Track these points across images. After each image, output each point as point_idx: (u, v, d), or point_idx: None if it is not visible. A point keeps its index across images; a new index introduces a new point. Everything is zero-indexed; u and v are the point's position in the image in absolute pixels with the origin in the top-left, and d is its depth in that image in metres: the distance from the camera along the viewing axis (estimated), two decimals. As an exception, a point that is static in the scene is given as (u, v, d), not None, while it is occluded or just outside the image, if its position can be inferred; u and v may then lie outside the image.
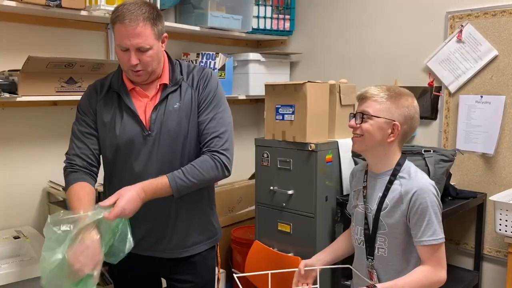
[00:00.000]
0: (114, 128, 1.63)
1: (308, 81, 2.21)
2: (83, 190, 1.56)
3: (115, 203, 1.42)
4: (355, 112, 1.56)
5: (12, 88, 2.05)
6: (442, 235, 1.46)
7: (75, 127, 1.68)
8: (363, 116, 1.51)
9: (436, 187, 1.50)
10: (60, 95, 2.20)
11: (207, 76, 1.69)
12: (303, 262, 1.66)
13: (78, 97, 2.24)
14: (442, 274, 1.46)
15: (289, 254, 2.28)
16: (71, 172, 1.63)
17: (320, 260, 1.68)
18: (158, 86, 1.65)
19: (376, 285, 1.45)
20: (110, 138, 1.64)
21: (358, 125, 1.52)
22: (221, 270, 2.57)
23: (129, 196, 1.43)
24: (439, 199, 1.49)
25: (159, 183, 1.52)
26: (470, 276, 2.46)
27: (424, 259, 1.46)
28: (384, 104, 1.49)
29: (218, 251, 1.92)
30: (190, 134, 1.65)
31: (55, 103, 2.43)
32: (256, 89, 2.99)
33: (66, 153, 1.68)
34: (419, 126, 2.58)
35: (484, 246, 2.47)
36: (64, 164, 1.67)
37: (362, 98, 1.54)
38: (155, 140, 1.61)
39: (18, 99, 2.05)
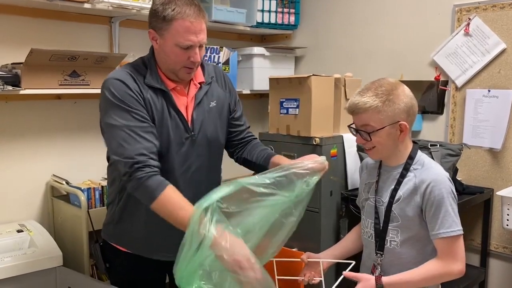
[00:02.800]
0: (167, 126, 1.51)
1: (313, 75, 2.19)
2: (183, 197, 1.38)
3: None
4: (355, 128, 1.49)
5: (15, 81, 2.04)
6: (460, 227, 1.43)
7: (126, 123, 1.41)
8: (369, 132, 1.45)
9: (451, 179, 1.47)
10: (63, 88, 2.19)
11: (226, 75, 1.72)
12: (307, 254, 1.64)
13: (82, 91, 2.26)
14: (456, 267, 1.42)
15: (293, 249, 2.26)
16: (152, 175, 1.38)
17: (328, 255, 1.66)
18: (197, 85, 1.59)
19: (382, 278, 1.43)
20: (160, 136, 1.49)
21: (367, 141, 1.48)
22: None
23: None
24: (455, 191, 1.46)
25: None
26: (477, 272, 2.43)
27: (440, 252, 1.43)
28: (384, 112, 1.42)
29: None
30: (221, 138, 1.66)
31: (58, 96, 2.42)
32: (261, 84, 2.96)
33: (124, 157, 1.39)
34: (425, 121, 2.61)
35: (490, 242, 2.44)
36: (127, 171, 1.38)
37: (358, 112, 1.46)
38: (197, 141, 1.57)
39: (22, 92, 2.04)
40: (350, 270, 1.51)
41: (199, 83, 1.59)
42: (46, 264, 1.96)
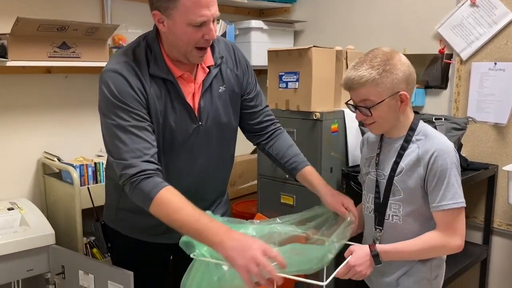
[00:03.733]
0: (167, 119, 1.39)
1: (314, 46, 2.10)
2: (182, 198, 1.29)
3: None
4: (354, 104, 1.42)
5: (1, 52, 1.95)
6: (463, 199, 1.36)
7: (123, 123, 1.31)
8: (369, 107, 1.37)
9: (456, 150, 1.40)
10: (52, 61, 2.10)
11: (240, 52, 1.57)
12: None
13: (72, 64, 2.18)
14: (455, 242, 1.37)
15: (293, 227, 2.21)
16: (145, 178, 1.29)
17: None
18: (205, 69, 1.44)
19: (376, 246, 1.39)
20: (162, 131, 1.40)
21: (367, 116, 1.40)
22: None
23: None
24: (459, 162, 1.40)
25: None
26: (479, 250, 2.39)
27: (439, 225, 1.38)
28: (382, 84, 1.34)
29: None
30: (234, 121, 1.55)
31: (49, 70, 2.34)
32: (259, 59, 2.87)
33: (118, 158, 1.31)
34: (428, 96, 2.54)
35: (494, 220, 2.40)
36: (122, 174, 1.31)
37: (355, 87, 1.38)
38: (205, 130, 1.45)
39: (9, 63, 1.96)
40: None
41: (208, 67, 1.44)
42: (38, 242, 1.91)
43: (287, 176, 2.26)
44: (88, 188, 2.05)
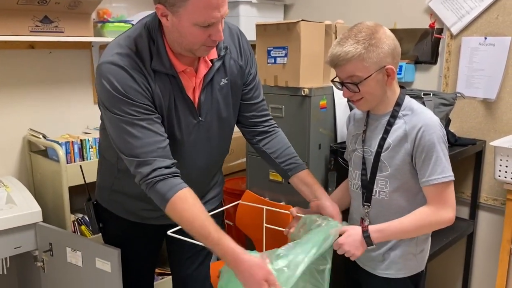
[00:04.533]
0: (170, 115, 1.35)
1: (302, 20, 2.06)
2: (194, 205, 1.26)
3: None
4: (341, 81, 1.39)
5: (-20, 27, 1.90)
6: (451, 173, 1.37)
7: (131, 117, 1.24)
8: (356, 83, 1.35)
9: (442, 125, 1.40)
10: (35, 35, 2.05)
11: (244, 39, 1.50)
12: (297, 208, 1.59)
13: (55, 38, 2.13)
14: (447, 214, 1.37)
15: (281, 203, 2.22)
16: (160, 180, 1.25)
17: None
18: (208, 63, 1.38)
19: (368, 226, 1.39)
20: (166, 128, 1.34)
21: (355, 93, 1.38)
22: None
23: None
24: (445, 136, 1.40)
25: None
26: (465, 225, 2.42)
27: (430, 199, 1.38)
28: (368, 59, 1.32)
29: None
30: (234, 115, 1.51)
31: (32, 46, 2.28)
32: (248, 34, 2.78)
33: (130, 155, 1.26)
34: (418, 71, 2.52)
35: (480, 195, 2.42)
36: (136, 172, 1.27)
37: (341, 64, 1.36)
38: (206, 125, 1.42)
39: (-11, 38, 1.91)
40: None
41: (211, 60, 1.38)
42: (24, 220, 1.90)
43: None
44: (80, 166, 2.03)
